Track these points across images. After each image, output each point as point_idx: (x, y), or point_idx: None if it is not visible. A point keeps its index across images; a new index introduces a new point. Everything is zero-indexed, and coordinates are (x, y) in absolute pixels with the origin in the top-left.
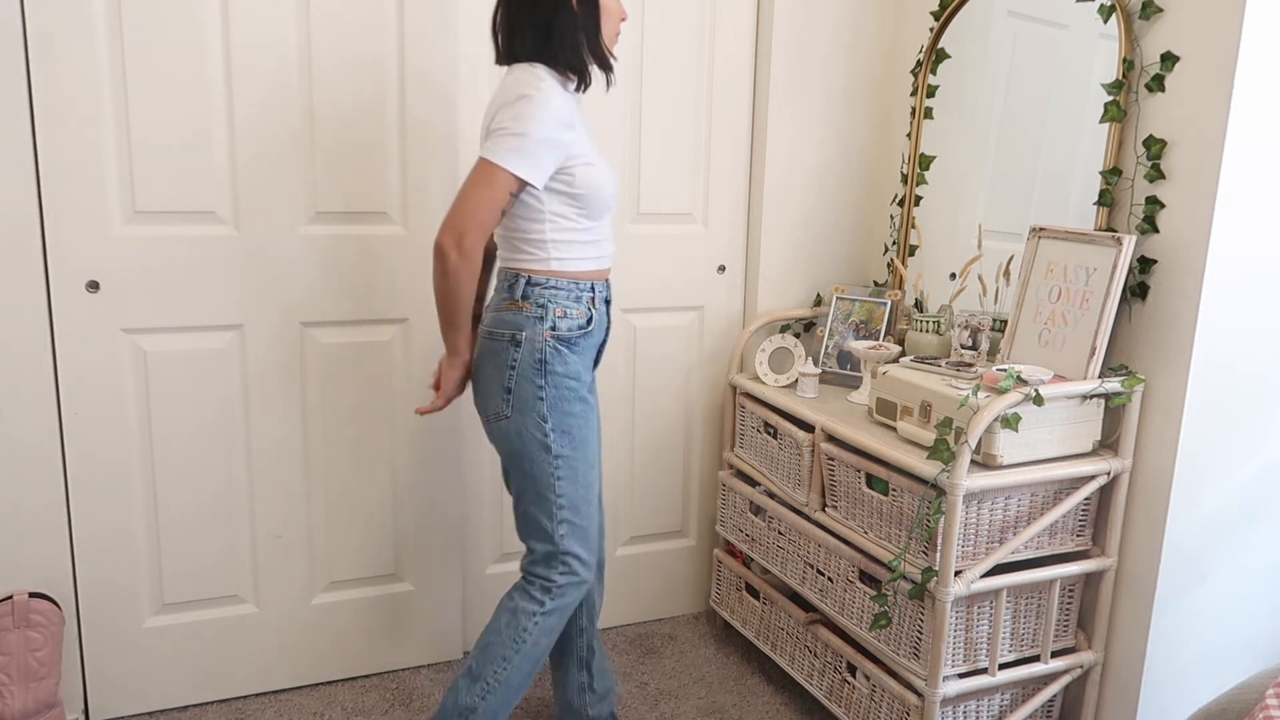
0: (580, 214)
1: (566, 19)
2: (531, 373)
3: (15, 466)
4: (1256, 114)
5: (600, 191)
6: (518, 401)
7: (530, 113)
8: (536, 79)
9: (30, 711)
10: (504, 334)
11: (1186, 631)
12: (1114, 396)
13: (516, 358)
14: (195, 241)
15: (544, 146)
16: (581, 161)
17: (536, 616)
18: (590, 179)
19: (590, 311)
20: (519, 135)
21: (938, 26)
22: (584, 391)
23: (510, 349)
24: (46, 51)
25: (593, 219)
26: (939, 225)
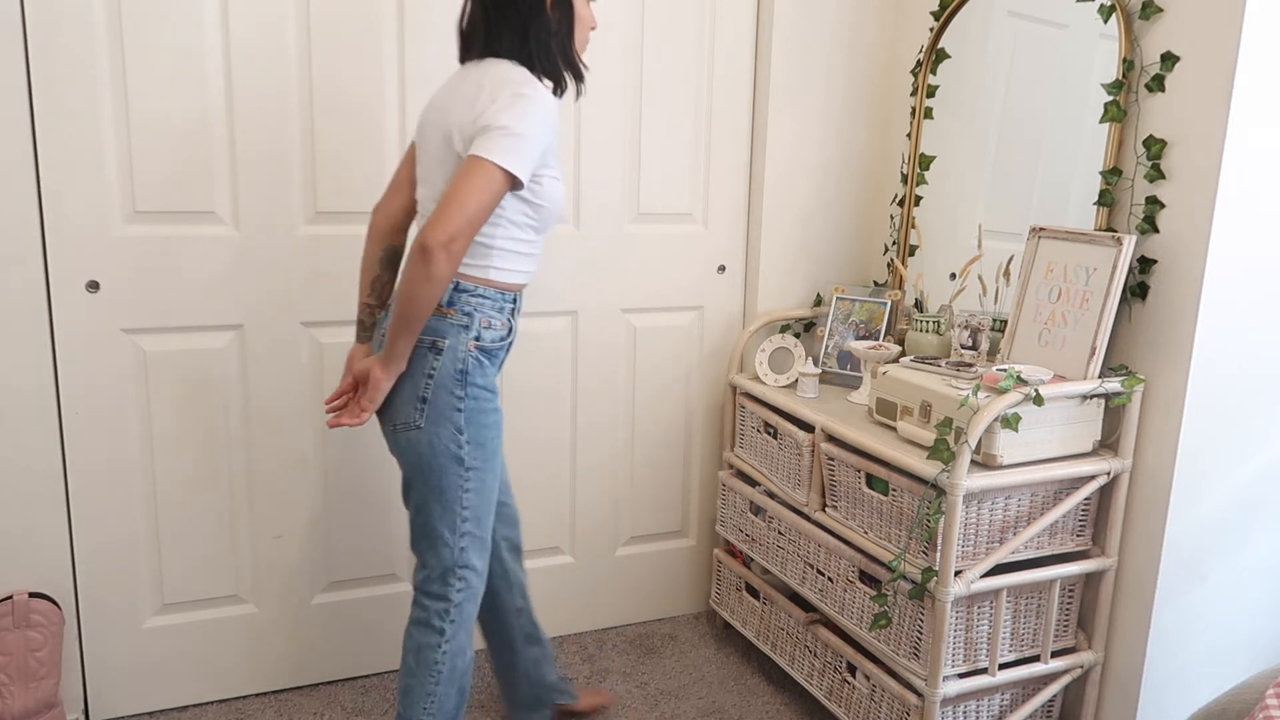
0: (531, 225)
1: (543, 24)
2: (451, 383)
3: (15, 467)
4: (1256, 114)
5: (557, 207)
6: (433, 412)
7: (529, 112)
8: (530, 79)
9: (30, 711)
10: (424, 340)
11: (1186, 631)
12: (1114, 396)
13: (436, 366)
14: (195, 241)
15: (537, 149)
16: (551, 173)
17: (442, 646)
18: (555, 194)
19: (510, 322)
20: (518, 135)
21: (938, 26)
22: (497, 402)
23: (429, 356)
24: (47, 51)
25: (539, 232)
26: (939, 225)
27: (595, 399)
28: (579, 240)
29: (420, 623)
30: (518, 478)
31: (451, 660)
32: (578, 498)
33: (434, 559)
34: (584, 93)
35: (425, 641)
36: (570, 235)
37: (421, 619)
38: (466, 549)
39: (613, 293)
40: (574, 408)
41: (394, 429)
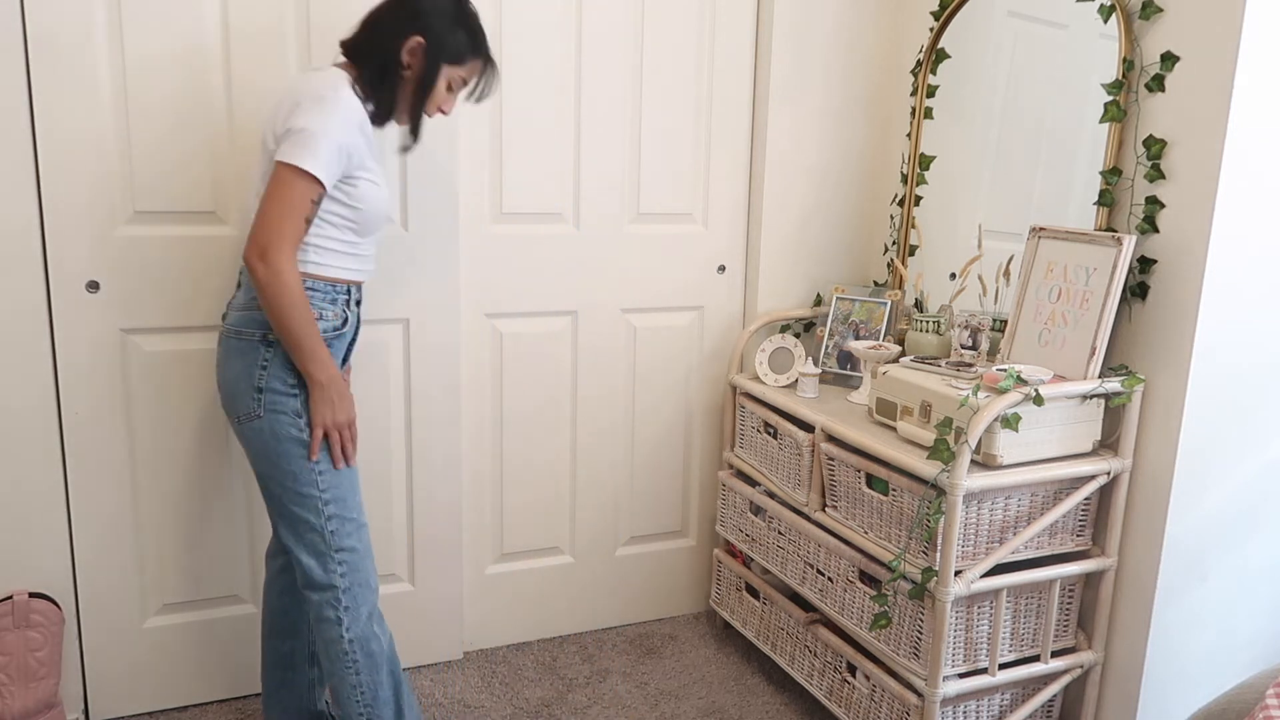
0: (349, 227)
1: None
2: (283, 371)
3: (15, 466)
4: (1256, 114)
5: (376, 211)
6: (270, 400)
7: (326, 112)
8: (335, 84)
9: (30, 711)
10: (253, 333)
11: (1186, 631)
12: (1114, 396)
13: (268, 357)
14: (195, 241)
15: (336, 149)
16: (366, 176)
17: (344, 635)
18: (370, 196)
19: (345, 313)
20: (314, 134)
21: (938, 26)
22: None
23: (261, 348)
24: (47, 51)
25: (360, 235)
26: (939, 225)
27: (595, 399)
28: (579, 240)
29: (318, 619)
30: (518, 477)
31: (363, 646)
32: (578, 498)
33: (307, 549)
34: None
35: (328, 636)
36: (570, 235)
37: (318, 614)
38: (337, 531)
39: (613, 293)
40: (574, 408)
41: (237, 421)
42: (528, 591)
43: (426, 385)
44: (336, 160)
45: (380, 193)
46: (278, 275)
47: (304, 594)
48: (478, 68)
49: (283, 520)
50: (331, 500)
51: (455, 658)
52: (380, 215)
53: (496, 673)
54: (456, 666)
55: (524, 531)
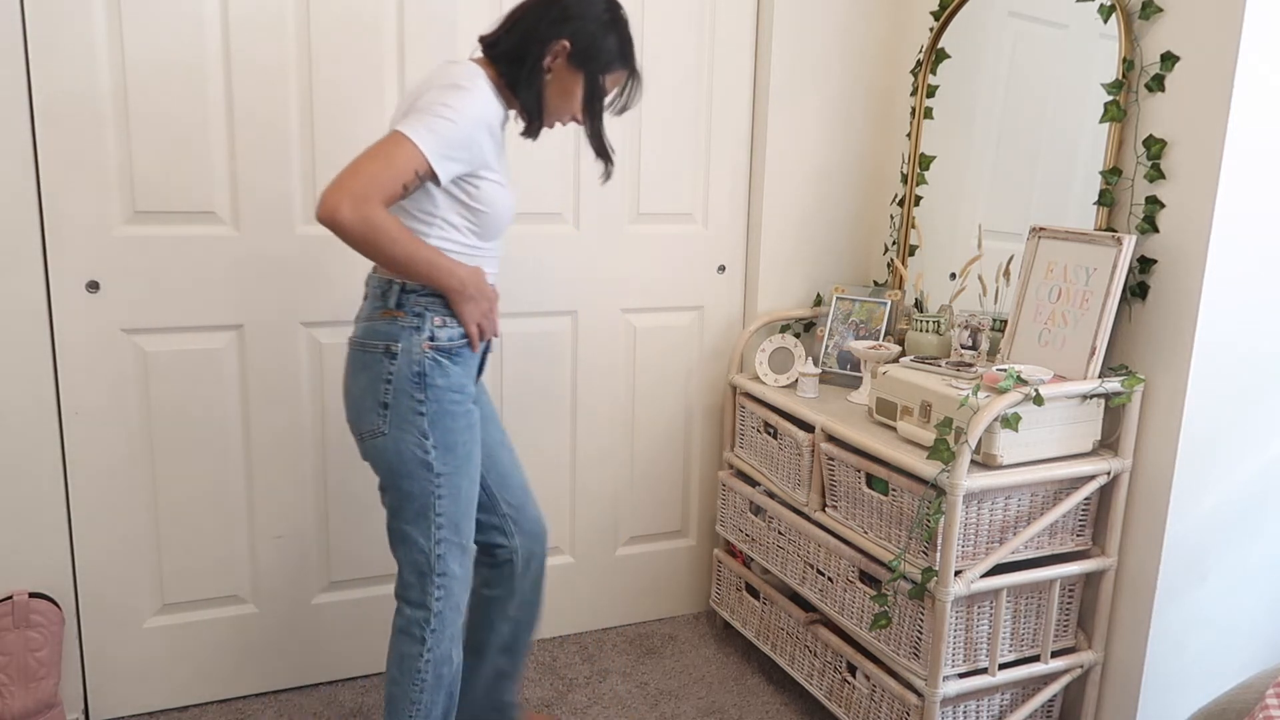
0: (473, 230)
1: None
2: (410, 386)
3: (15, 466)
4: (1256, 114)
5: (500, 214)
6: (395, 417)
7: (456, 101)
8: (472, 76)
9: (30, 711)
10: (377, 345)
11: (1186, 631)
12: (1114, 396)
13: (392, 371)
14: (195, 241)
15: (460, 142)
16: (491, 177)
17: (424, 655)
18: (494, 197)
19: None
20: (439, 118)
21: (938, 26)
22: (468, 404)
23: (385, 361)
24: (47, 51)
25: (484, 239)
26: (939, 225)
27: (595, 399)
28: (579, 240)
29: (402, 631)
30: None
31: (436, 669)
32: (578, 497)
33: (410, 566)
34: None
35: (407, 651)
36: (570, 235)
37: (403, 627)
38: (444, 556)
39: (613, 293)
40: (574, 408)
41: (361, 437)
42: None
43: None
44: (452, 149)
45: (505, 196)
46: (366, 220)
47: (397, 600)
48: (621, 78)
49: (393, 533)
50: (445, 525)
51: None
52: (504, 219)
53: None
54: None
55: None
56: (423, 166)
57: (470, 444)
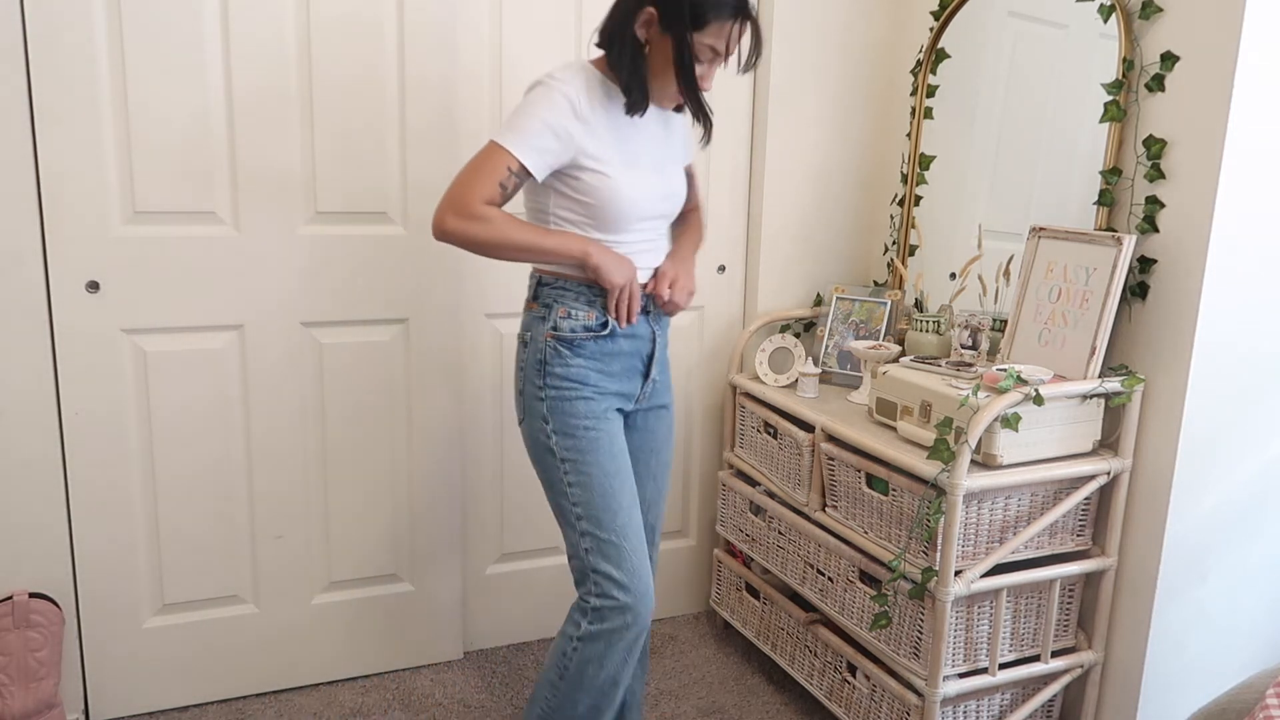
0: (588, 223)
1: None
2: (534, 374)
3: (15, 467)
4: (1256, 114)
5: (607, 203)
6: (526, 403)
7: (538, 97)
8: (553, 71)
9: (30, 711)
10: (520, 336)
11: (1186, 631)
12: (1114, 396)
13: (525, 359)
14: (195, 241)
15: (545, 131)
16: (594, 167)
17: (574, 641)
18: (598, 187)
19: (607, 316)
20: (520, 115)
21: (938, 26)
22: (591, 396)
23: (522, 350)
24: (46, 51)
25: (604, 230)
26: (939, 225)
27: None
28: None
29: (571, 608)
30: (518, 477)
31: (580, 666)
32: None
33: (570, 552)
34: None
35: (564, 631)
36: None
37: (571, 607)
38: (591, 551)
39: None
40: None
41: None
42: (528, 591)
43: (426, 385)
44: (538, 136)
45: (614, 184)
46: (472, 215)
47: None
48: (726, 30)
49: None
50: (584, 517)
51: (455, 658)
52: (616, 209)
53: (496, 673)
54: (456, 666)
55: (524, 531)
56: (512, 162)
57: (594, 434)
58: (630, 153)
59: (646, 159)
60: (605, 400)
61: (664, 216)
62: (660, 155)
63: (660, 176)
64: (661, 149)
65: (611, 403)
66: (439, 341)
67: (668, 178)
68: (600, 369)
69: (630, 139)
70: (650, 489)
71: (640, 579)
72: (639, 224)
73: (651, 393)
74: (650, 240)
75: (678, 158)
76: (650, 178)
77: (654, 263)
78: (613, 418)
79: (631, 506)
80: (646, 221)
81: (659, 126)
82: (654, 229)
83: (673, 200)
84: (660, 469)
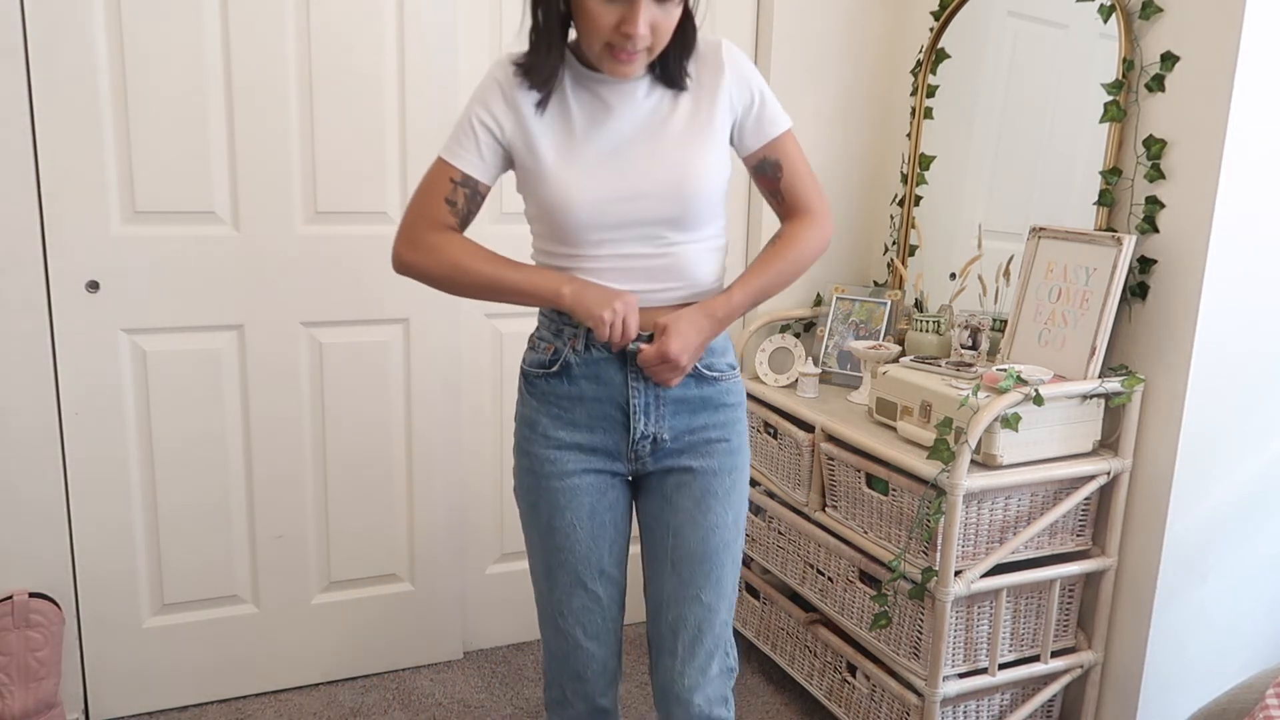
0: (548, 234)
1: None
2: (521, 417)
3: (15, 466)
4: (1256, 114)
5: (552, 209)
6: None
7: (474, 92)
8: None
9: (30, 711)
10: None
11: (1186, 631)
12: (1114, 396)
13: (517, 398)
14: (195, 241)
15: (476, 126)
16: (527, 161)
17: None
18: (536, 186)
19: (559, 346)
20: (460, 116)
21: (938, 26)
22: (540, 446)
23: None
24: (46, 51)
25: (562, 243)
26: (939, 225)
27: None
28: None
29: None
30: None
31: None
32: None
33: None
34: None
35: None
36: None
37: None
38: (538, 606)
39: None
40: None
41: None
42: (528, 591)
43: (427, 385)
44: (469, 135)
45: (547, 181)
46: (417, 244)
47: None
48: None
49: None
50: (533, 567)
51: (455, 658)
52: (562, 215)
53: (496, 673)
54: (456, 666)
55: None
56: (453, 172)
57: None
58: (588, 141)
59: (610, 148)
60: (564, 454)
61: (643, 224)
62: (641, 143)
63: (626, 171)
64: (645, 135)
65: (574, 458)
66: (439, 341)
67: (641, 172)
68: (556, 415)
69: (600, 125)
70: (670, 584)
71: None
72: (599, 234)
73: (656, 451)
74: (629, 258)
75: (678, 140)
76: (607, 172)
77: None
78: (573, 477)
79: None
80: (612, 231)
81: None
82: (631, 243)
83: (652, 202)
84: (684, 559)
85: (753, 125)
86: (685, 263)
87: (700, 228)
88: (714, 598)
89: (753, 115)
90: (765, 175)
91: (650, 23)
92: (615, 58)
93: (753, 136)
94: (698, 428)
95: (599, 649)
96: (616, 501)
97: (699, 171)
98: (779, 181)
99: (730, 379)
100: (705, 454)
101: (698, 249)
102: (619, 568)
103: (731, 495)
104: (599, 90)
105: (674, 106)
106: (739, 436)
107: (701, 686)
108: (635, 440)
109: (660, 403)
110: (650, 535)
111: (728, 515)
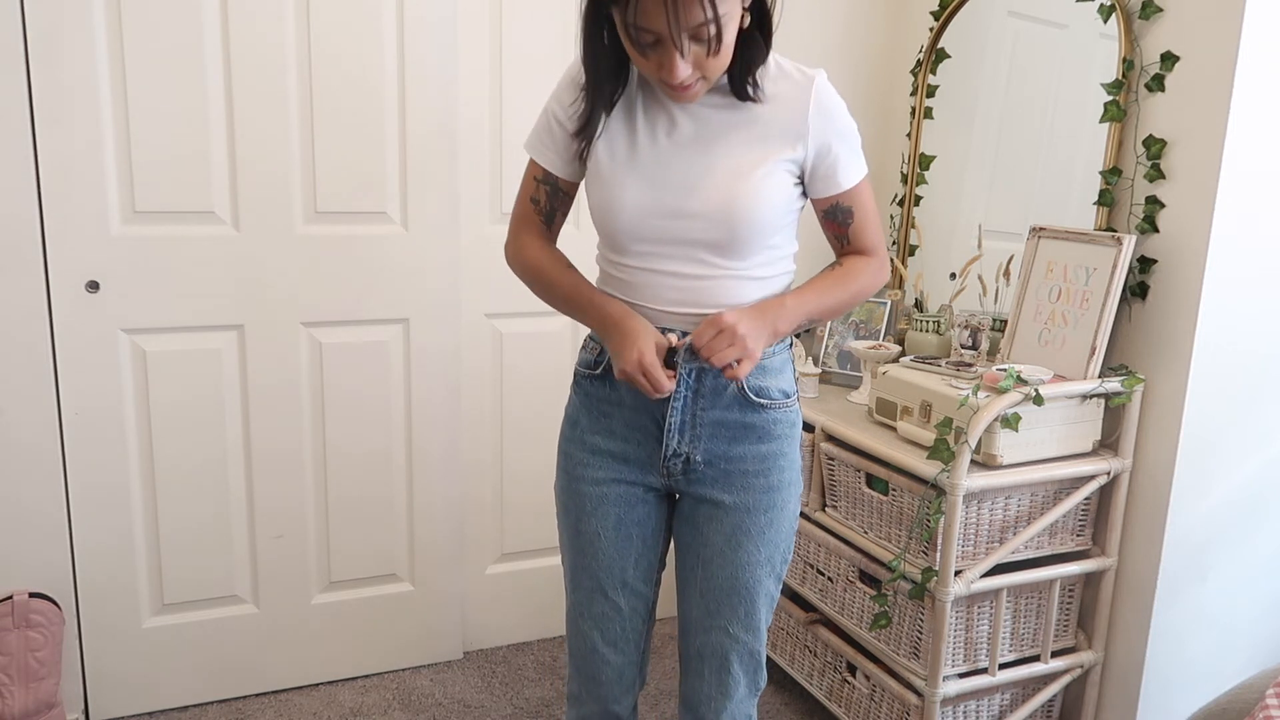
0: (601, 238)
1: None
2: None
3: (15, 466)
4: (1256, 114)
5: (602, 211)
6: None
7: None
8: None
9: (30, 711)
10: None
11: (1186, 631)
12: (1114, 396)
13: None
14: (195, 241)
15: (550, 120)
16: (593, 167)
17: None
18: (594, 193)
19: (608, 354)
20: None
21: (938, 26)
22: (578, 445)
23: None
24: (47, 51)
25: (611, 249)
26: (939, 225)
27: None
28: (579, 240)
29: None
30: (518, 477)
31: None
32: None
33: None
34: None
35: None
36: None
37: None
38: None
39: None
40: None
41: None
42: (528, 591)
43: (426, 385)
44: (547, 130)
45: (605, 191)
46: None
47: None
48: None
49: None
50: (566, 576)
51: (455, 658)
52: (609, 218)
53: (496, 673)
54: (456, 666)
55: (524, 531)
56: (535, 169)
57: (563, 492)
58: (646, 150)
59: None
60: (597, 459)
61: (685, 243)
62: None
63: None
64: (702, 151)
65: (606, 465)
66: (439, 341)
67: (689, 190)
68: (596, 417)
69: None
70: (697, 611)
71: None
72: (641, 245)
73: (689, 472)
74: (669, 275)
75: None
76: (656, 185)
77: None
78: (603, 485)
79: (591, 595)
80: (654, 245)
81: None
82: (674, 260)
83: (697, 222)
84: (713, 591)
85: (826, 171)
86: (730, 291)
87: (748, 256)
88: (741, 630)
89: (827, 163)
90: (835, 221)
91: (694, 62)
92: (669, 91)
93: (824, 183)
94: (735, 458)
95: (615, 656)
96: (647, 517)
97: (749, 198)
98: (848, 228)
99: (781, 407)
100: (741, 489)
101: (745, 278)
102: (645, 582)
103: (767, 533)
104: (665, 99)
105: (740, 124)
106: (783, 473)
107: (727, 709)
108: (667, 457)
109: (698, 423)
110: (681, 559)
111: (760, 553)
